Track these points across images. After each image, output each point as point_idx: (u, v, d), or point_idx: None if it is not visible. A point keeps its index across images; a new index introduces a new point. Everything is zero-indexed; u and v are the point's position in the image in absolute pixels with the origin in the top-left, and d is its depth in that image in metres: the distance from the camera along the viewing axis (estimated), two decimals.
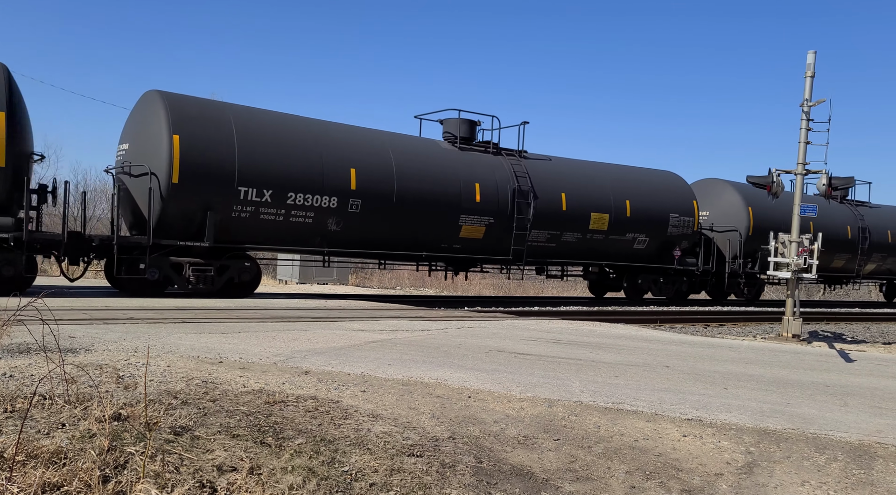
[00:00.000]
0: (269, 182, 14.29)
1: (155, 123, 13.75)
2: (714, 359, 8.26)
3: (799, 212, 12.71)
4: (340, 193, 15.18)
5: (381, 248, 16.37)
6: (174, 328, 8.20)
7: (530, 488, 3.68)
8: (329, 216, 15.12)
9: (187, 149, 13.48)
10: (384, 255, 16.86)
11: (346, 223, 15.36)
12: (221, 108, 14.93)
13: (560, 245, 18.73)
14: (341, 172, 15.24)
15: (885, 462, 4.27)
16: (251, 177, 14.10)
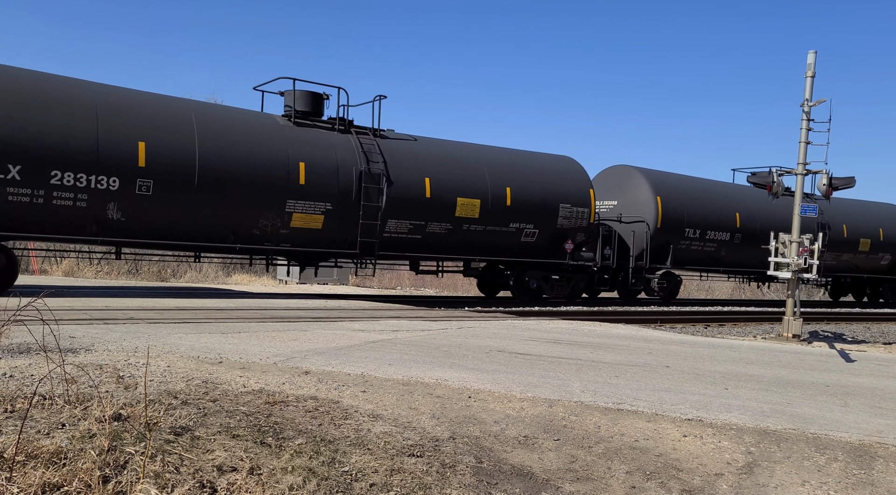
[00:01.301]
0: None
1: None
2: (714, 359, 8.26)
3: (800, 212, 12.70)
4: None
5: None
6: (174, 328, 8.20)
7: (531, 488, 3.68)
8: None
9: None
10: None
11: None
12: None
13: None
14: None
15: (886, 462, 4.26)
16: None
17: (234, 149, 13.95)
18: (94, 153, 12.38)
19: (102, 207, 12.63)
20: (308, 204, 14.73)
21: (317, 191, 14.74)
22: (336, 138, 15.47)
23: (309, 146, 14.92)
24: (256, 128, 14.59)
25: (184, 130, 13.49)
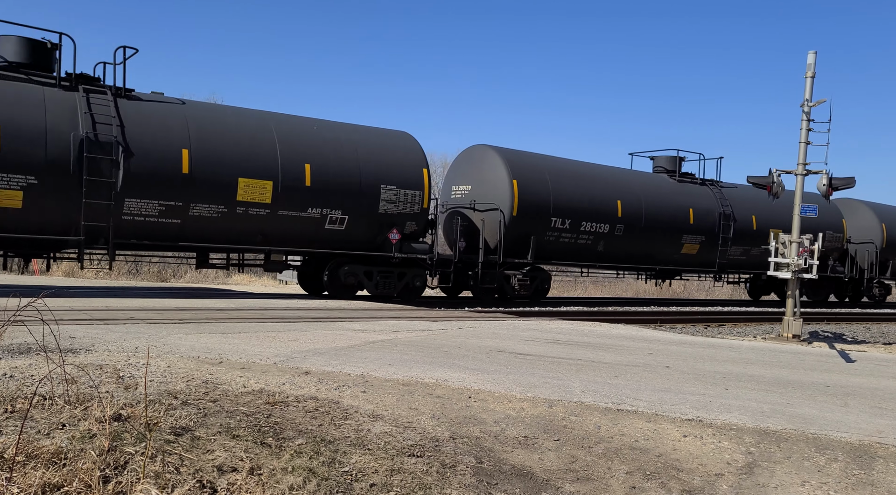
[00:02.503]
0: None
1: None
2: (714, 360, 8.26)
3: (800, 213, 12.71)
4: None
5: None
6: (174, 328, 8.20)
7: (531, 488, 3.68)
8: None
9: None
10: None
11: None
12: None
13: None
14: None
15: (886, 462, 4.27)
16: None
17: None
18: None
19: None
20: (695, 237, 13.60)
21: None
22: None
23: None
24: None
25: None
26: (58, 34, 12.74)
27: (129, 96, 13.29)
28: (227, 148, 13.78)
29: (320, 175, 14.62)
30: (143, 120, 13.11)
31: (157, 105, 13.53)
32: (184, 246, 14.05)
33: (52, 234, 12.48)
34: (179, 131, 13.32)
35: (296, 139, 14.66)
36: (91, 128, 12.43)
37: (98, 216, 12.49)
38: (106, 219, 12.59)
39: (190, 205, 13.30)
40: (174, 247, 14.42)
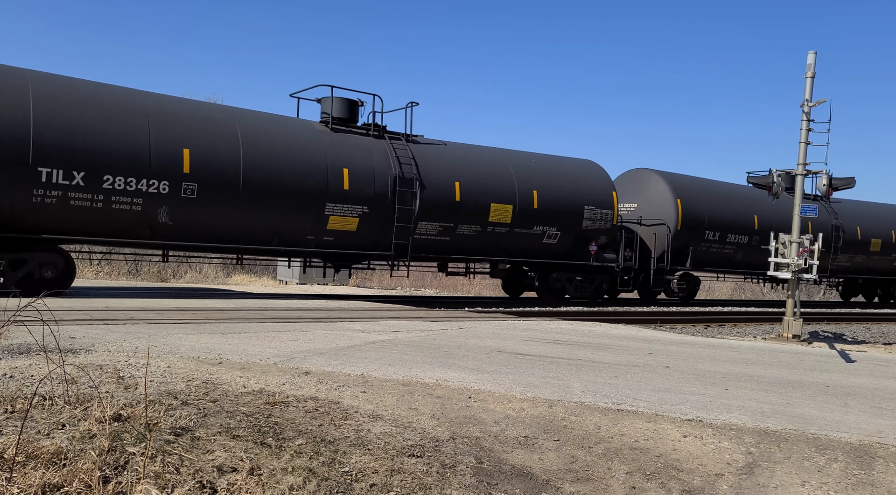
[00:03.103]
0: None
1: None
2: (714, 360, 8.26)
3: (799, 213, 12.70)
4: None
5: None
6: (174, 328, 8.20)
7: (531, 488, 3.68)
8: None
9: None
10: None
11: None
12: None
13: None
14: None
15: (886, 462, 4.27)
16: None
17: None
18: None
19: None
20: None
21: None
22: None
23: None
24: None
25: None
26: (370, 95, 16.62)
27: (415, 141, 16.94)
28: (482, 179, 17.30)
29: (543, 199, 18.16)
30: (426, 159, 16.65)
31: (431, 147, 17.20)
32: (455, 257, 17.73)
33: (370, 250, 16.20)
34: (450, 167, 16.99)
35: (523, 171, 18.12)
36: (399, 168, 16.03)
37: (402, 235, 16.19)
38: (407, 238, 16.25)
39: (457, 226, 16.85)
40: (446, 259, 17.99)
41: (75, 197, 12.51)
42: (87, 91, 13.22)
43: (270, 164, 14.37)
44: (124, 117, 13.11)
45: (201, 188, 13.49)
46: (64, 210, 12.48)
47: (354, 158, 15.57)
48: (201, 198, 13.52)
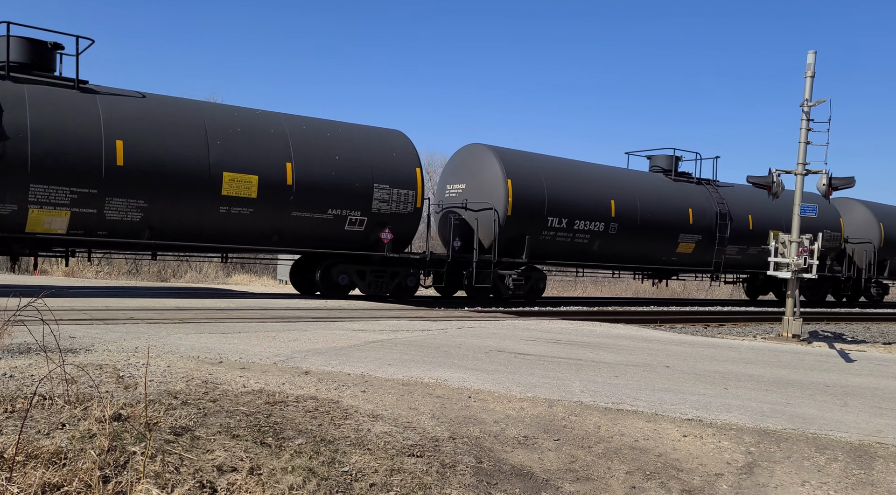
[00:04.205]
0: None
1: None
2: (714, 359, 8.26)
3: (799, 212, 12.70)
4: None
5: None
6: (174, 328, 8.20)
7: (530, 488, 3.68)
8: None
9: None
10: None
11: None
12: None
13: None
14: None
15: (886, 462, 4.27)
16: None
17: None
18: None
19: None
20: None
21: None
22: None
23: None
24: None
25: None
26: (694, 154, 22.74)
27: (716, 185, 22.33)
28: None
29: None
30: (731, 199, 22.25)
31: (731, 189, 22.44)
32: None
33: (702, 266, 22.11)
34: None
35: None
36: (718, 206, 21.52)
37: (720, 255, 21.88)
38: (721, 257, 21.87)
39: None
40: None
41: None
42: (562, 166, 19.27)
43: (647, 211, 19.83)
44: None
45: (620, 228, 19.17)
46: None
47: (694, 200, 21.08)
48: (621, 235, 19.26)
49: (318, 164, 14.69)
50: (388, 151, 15.88)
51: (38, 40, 12.79)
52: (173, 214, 13.20)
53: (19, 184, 11.82)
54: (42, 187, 11.98)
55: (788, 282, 12.88)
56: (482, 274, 17.16)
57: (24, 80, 12.31)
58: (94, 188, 12.37)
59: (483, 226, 17.31)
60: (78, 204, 12.32)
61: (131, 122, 12.87)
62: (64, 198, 12.21)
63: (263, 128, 14.36)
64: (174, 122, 13.38)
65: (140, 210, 12.88)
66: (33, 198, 11.96)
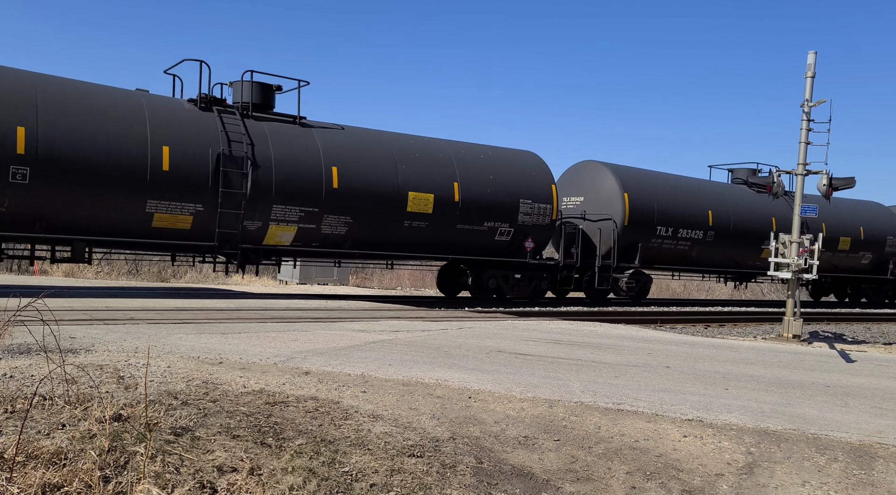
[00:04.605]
0: None
1: None
2: (714, 360, 8.26)
3: (800, 213, 12.70)
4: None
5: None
6: (174, 328, 8.20)
7: (531, 488, 3.68)
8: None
9: None
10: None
11: None
12: None
13: None
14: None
15: (886, 462, 4.27)
16: None
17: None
18: None
19: None
20: None
21: None
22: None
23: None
24: None
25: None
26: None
27: None
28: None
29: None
30: None
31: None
32: None
33: None
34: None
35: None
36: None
37: None
38: None
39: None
40: None
41: None
42: None
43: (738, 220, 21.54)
44: None
45: (716, 235, 20.61)
46: None
47: (776, 209, 21.94)
48: (716, 242, 20.46)
49: (477, 184, 16.99)
50: (528, 171, 18.17)
51: (267, 84, 15.13)
52: (370, 227, 15.54)
53: (265, 205, 14.16)
54: (280, 207, 14.36)
55: (789, 283, 12.88)
56: (602, 277, 19.59)
57: (261, 117, 14.73)
58: (315, 207, 14.73)
59: (604, 234, 19.57)
60: (303, 220, 14.69)
61: (340, 150, 15.30)
62: (294, 216, 14.54)
63: (434, 153, 16.77)
64: (370, 149, 15.84)
65: (346, 224, 15.22)
66: (274, 216, 14.34)
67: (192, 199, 13.38)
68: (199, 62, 14.21)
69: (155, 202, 13.07)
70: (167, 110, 13.68)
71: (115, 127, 12.78)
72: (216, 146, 13.58)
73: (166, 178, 13.07)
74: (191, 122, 13.70)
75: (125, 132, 12.83)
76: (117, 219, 12.92)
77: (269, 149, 14.23)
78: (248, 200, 13.85)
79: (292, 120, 15.11)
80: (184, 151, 13.32)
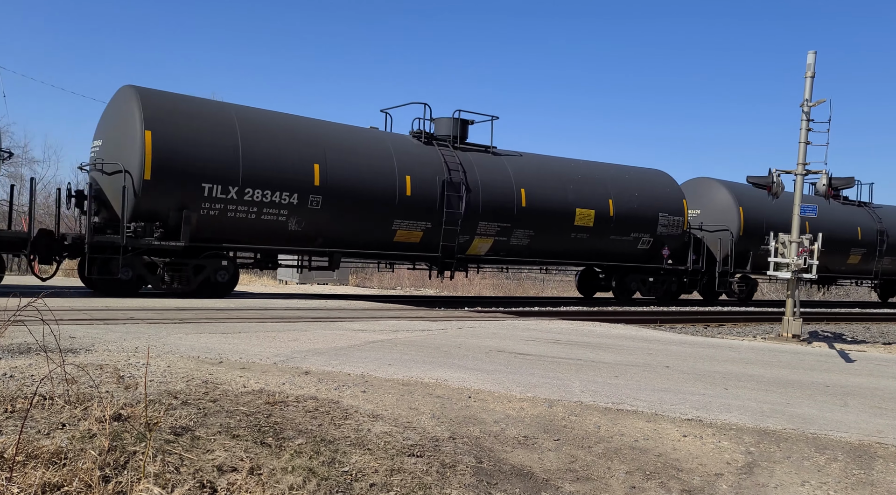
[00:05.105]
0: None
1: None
2: (714, 359, 8.26)
3: (799, 213, 12.70)
4: None
5: None
6: (174, 328, 8.20)
7: (530, 488, 3.68)
8: None
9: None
10: None
11: None
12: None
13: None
14: None
15: (886, 462, 4.27)
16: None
17: None
18: None
19: None
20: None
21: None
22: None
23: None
24: None
25: None
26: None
27: None
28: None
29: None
30: None
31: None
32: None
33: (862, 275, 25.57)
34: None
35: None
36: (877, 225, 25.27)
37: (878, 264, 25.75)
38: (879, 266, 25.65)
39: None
40: None
41: None
42: None
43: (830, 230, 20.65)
44: None
45: None
46: None
47: (860, 220, 24.97)
48: None
49: (626, 200, 19.82)
50: (663, 187, 21.10)
51: (465, 120, 18.16)
52: (545, 239, 18.48)
53: (473, 221, 17.14)
54: (484, 223, 17.32)
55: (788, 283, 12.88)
56: (720, 281, 22.15)
57: (463, 148, 17.82)
58: (508, 223, 17.70)
59: (722, 243, 22.10)
60: (498, 234, 17.67)
61: (525, 174, 18.29)
62: (492, 230, 17.53)
63: (592, 174, 19.75)
64: (546, 172, 18.92)
65: (528, 237, 18.17)
66: (478, 231, 17.33)
67: (423, 218, 16.47)
68: (423, 104, 17.84)
69: (399, 221, 16.18)
70: (403, 145, 16.84)
71: (374, 162, 15.90)
72: (441, 174, 16.65)
73: (408, 202, 16.14)
74: (421, 155, 16.85)
75: (380, 165, 15.92)
76: (370, 234, 16.00)
77: (476, 175, 17.30)
78: (463, 218, 16.88)
79: (484, 149, 18.24)
80: (419, 179, 16.37)
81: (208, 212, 13.84)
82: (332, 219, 15.24)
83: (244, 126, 14.44)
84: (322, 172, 15.03)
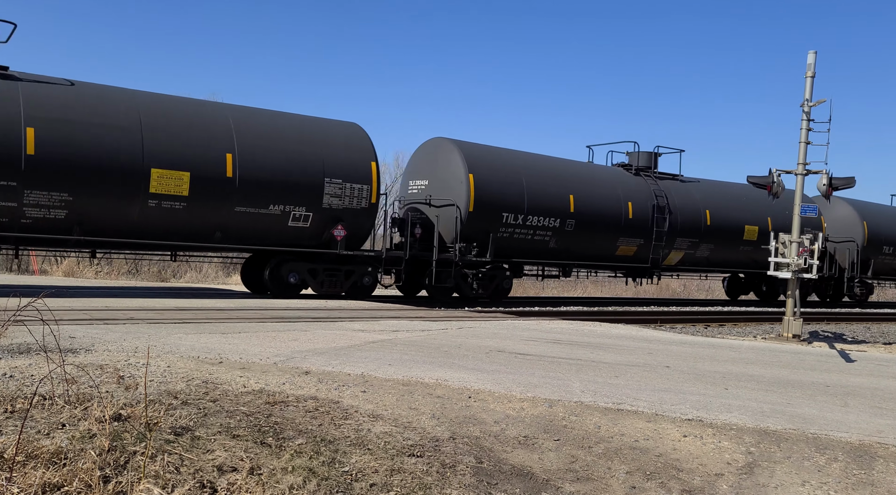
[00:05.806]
0: None
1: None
2: (714, 360, 8.26)
3: (800, 212, 12.70)
4: None
5: None
6: (174, 328, 8.20)
7: (531, 488, 3.68)
8: None
9: None
10: None
11: None
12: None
13: None
14: None
15: (886, 462, 4.27)
16: None
17: None
18: None
19: None
20: None
21: None
22: None
23: None
24: None
25: None
26: None
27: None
28: None
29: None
30: None
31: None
32: None
33: None
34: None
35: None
36: None
37: None
38: None
39: None
40: None
41: None
42: None
43: None
44: None
45: None
46: None
47: None
48: None
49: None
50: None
51: (655, 152, 21.65)
52: (722, 251, 22.01)
53: (672, 238, 20.65)
54: (679, 239, 20.96)
55: (789, 283, 12.88)
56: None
57: (658, 176, 21.14)
58: (696, 238, 21.29)
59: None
60: (688, 248, 21.34)
61: (708, 197, 21.73)
62: (684, 245, 21.14)
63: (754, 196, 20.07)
64: (718, 195, 22.11)
65: (709, 250, 21.71)
66: (675, 246, 20.92)
67: (638, 236, 19.91)
68: (633, 143, 21.59)
69: (622, 238, 19.68)
70: (620, 177, 20.36)
71: (606, 192, 19.42)
72: (651, 199, 20.11)
73: (629, 223, 19.63)
74: (634, 184, 20.26)
75: (609, 194, 19.46)
76: (600, 250, 19.47)
77: (674, 200, 20.66)
78: (667, 235, 20.25)
79: (672, 177, 21.55)
80: (636, 204, 19.81)
81: (503, 234, 17.26)
82: (579, 238, 18.78)
83: (524, 168, 18.08)
84: (575, 201, 18.55)
